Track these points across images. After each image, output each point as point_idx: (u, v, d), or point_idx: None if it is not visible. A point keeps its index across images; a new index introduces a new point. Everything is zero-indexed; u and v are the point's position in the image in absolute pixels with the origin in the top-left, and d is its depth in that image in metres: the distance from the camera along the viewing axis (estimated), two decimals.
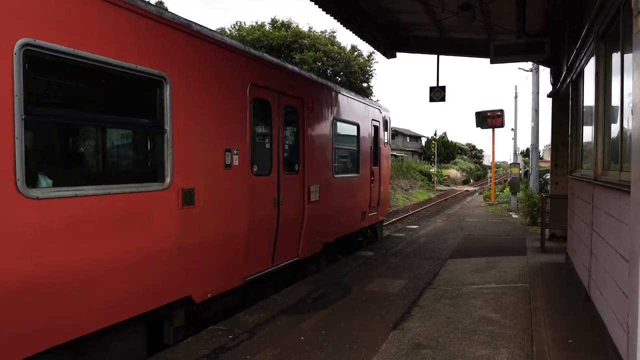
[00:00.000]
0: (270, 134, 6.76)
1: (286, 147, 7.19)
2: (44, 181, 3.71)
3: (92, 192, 3.97)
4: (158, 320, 5.01)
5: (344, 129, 9.33)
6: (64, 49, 3.71)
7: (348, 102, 9.54)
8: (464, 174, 58.26)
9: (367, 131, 10.49)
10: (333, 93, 8.85)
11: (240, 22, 37.25)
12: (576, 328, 5.19)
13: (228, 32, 35.74)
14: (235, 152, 5.78)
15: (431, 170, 44.60)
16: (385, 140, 11.94)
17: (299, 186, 7.45)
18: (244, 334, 5.16)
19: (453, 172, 54.31)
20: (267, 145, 6.72)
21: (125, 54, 4.24)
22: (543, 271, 7.96)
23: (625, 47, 4.15)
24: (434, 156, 45.82)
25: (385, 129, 11.89)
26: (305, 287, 7.08)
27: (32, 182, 3.54)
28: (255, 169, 6.24)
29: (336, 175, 8.85)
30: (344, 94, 9.41)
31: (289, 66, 7.47)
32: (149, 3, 4.60)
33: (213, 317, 5.74)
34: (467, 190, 40.08)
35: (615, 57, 4.69)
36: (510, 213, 18.19)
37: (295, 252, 7.46)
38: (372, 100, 11.42)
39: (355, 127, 9.90)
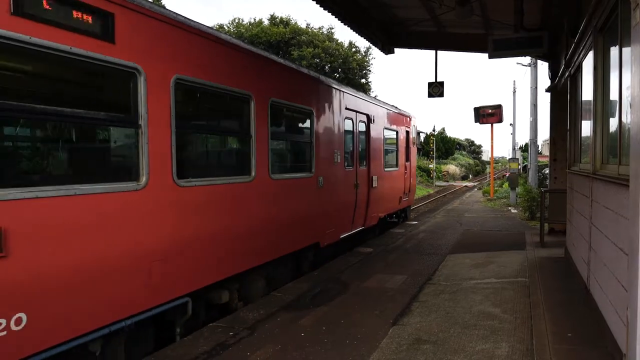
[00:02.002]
0: (352, 140, 9.80)
1: (360, 148, 10.20)
2: (273, 172, 6.66)
3: (288, 177, 7.17)
4: (299, 257, 7.94)
5: (389, 134, 12.32)
6: (284, 102, 6.99)
7: (391, 113, 12.60)
8: (462, 169, 58.21)
9: (402, 134, 13.57)
10: (383, 108, 11.97)
11: (239, 19, 37.14)
12: (576, 322, 5.20)
13: (226, 29, 35.65)
14: (337, 153, 8.85)
15: (430, 166, 44.54)
16: (413, 137, 14.95)
17: (366, 176, 10.48)
18: (244, 331, 5.16)
19: (452, 167, 54.27)
20: (350, 148, 9.75)
21: (301, 100, 7.59)
22: (542, 265, 7.97)
23: (623, 41, 4.14)
24: (433, 152, 45.78)
25: (413, 131, 14.93)
26: (304, 284, 7.09)
27: (273, 173, 6.64)
28: (345, 164, 9.28)
29: (385, 169, 11.87)
30: (388, 108, 12.43)
31: (361, 94, 10.81)
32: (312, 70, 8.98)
33: (321, 260, 8.65)
34: (466, 186, 40.08)
35: (614, 50, 4.67)
36: (509, 208, 18.20)
37: (363, 223, 10.44)
38: (404, 110, 14.19)
39: (395, 132, 12.89)
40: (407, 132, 14.15)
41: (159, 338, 5.03)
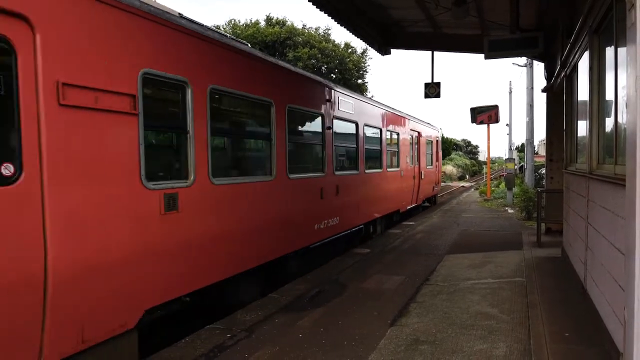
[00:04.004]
0: (411, 148, 15.22)
1: (416, 153, 15.84)
2: (389, 167, 12.78)
3: (391, 170, 12.83)
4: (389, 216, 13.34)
5: (428, 142, 18.06)
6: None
7: (429, 128, 18.37)
8: (459, 169, 58.22)
9: (434, 142, 19.42)
10: (425, 125, 17.71)
11: (235, 20, 37.10)
12: (573, 321, 5.22)
13: (222, 29, 35.62)
14: (407, 156, 14.47)
15: None
16: (439, 144, 21.17)
17: (418, 171, 15.98)
18: (242, 333, 5.15)
19: (449, 168, 54.28)
20: (412, 154, 15.23)
21: (393, 128, 13.13)
22: (539, 265, 7.99)
23: (619, 41, 4.16)
24: None
25: (439, 139, 21.03)
26: (302, 285, 7.08)
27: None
28: (410, 164, 14.95)
29: (427, 167, 17.55)
30: (427, 124, 18.30)
31: (417, 117, 16.60)
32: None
33: (397, 220, 14.19)
34: (463, 186, 40.09)
35: (609, 51, 4.69)
36: (506, 208, 18.24)
37: (416, 201, 16.04)
38: (434, 125, 19.86)
39: (431, 142, 18.65)
40: (437, 141, 20.28)
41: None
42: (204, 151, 5.16)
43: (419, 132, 16.04)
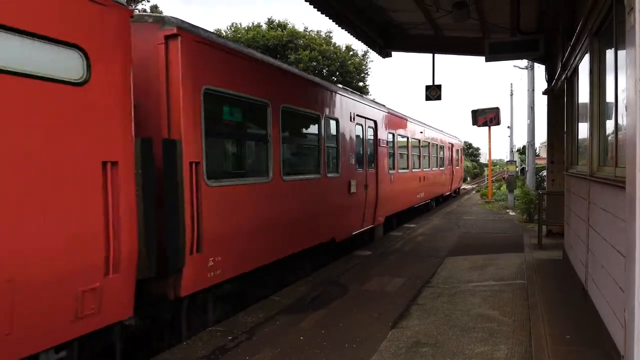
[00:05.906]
0: (449, 155, 23.27)
1: (450, 158, 23.51)
2: (437, 166, 21.26)
3: (441, 169, 21.41)
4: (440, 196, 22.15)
5: (454, 151, 24.49)
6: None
7: (456, 140, 25.20)
8: None
9: (459, 150, 26.72)
10: (454, 137, 24.90)
11: (236, 24, 37.17)
12: (574, 323, 5.22)
13: (224, 33, 35.69)
14: (447, 161, 22.45)
15: None
16: (462, 149, 28.70)
17: (452, 170, 23.87)
18: (243, 335, 5.16)
19: None
20: (449, 158, 23.21)
21: (439, 141, 21.34)
22: (540, 267, 7.99)
23: (618, 44, 4.18)
24: None
25: (462, 147, 28.53)
26: (303, 287, 7.08)
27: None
28: (448, 165, 23.03)
29: (455, 167, 24.82)
30: (455, 137, 25.55)
31: (451, 133, 24.99)
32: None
33: (442, 201, 22.81)
34: (464, 189, 40.10)
35: (609, 53, 4.70)
36: (507, 210, 18.22)
37: (450, 190, 24.02)
38: (459, 137, 27.18)
39: (457, 150, 25.49)
40: (461, 148, 28.05)
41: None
42: (397, 159, 13.09)
43: (452, 144, 23.86)
